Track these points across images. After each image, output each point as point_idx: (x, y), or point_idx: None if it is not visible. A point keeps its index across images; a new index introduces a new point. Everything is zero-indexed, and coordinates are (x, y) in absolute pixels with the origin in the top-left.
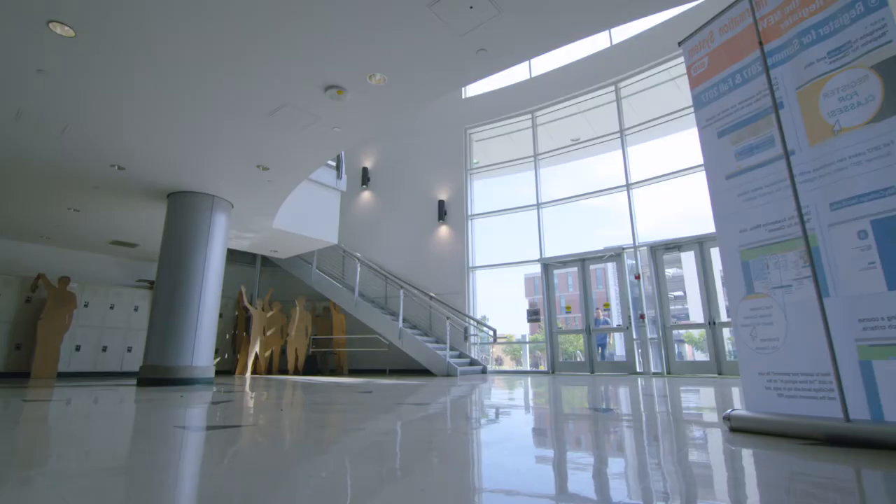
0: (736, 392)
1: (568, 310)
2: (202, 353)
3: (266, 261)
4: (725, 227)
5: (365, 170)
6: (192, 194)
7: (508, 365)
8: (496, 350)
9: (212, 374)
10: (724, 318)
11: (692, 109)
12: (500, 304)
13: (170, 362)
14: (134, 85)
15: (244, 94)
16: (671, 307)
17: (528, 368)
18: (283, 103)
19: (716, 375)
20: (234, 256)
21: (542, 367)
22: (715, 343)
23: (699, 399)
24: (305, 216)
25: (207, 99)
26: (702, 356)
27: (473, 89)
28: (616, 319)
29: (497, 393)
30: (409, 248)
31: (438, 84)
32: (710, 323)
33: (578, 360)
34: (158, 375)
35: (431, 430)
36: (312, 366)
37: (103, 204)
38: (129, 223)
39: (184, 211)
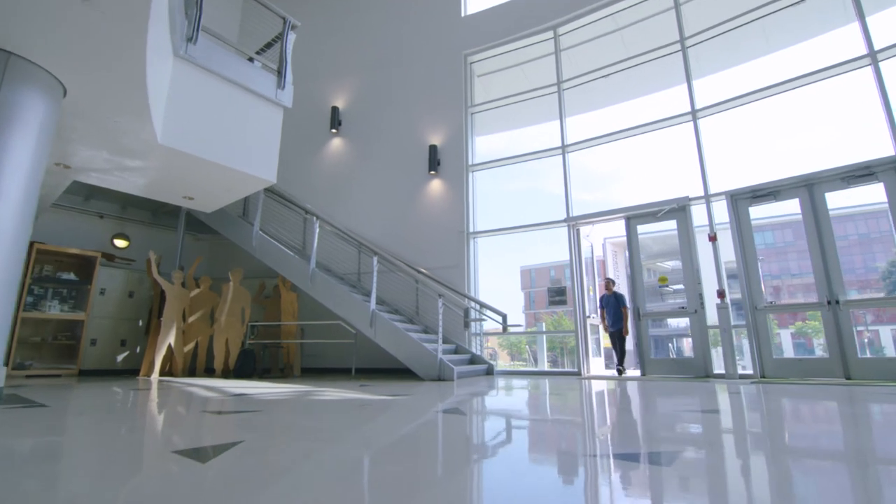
0: None
1: (590, 292)
2: None
3: (201, 226)
4: None
5: (335, 110)
6: None
7: (504, 360)
8: (491, 342)
9: None
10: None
11: (772, 9)
12: (497, 295)
13: None
14: None
15: None
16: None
17: (546, 368)
18: None
19: (843, 380)
20: (156, 217)
21: (549, 366)
22: (839, 332)
23: None
24: (222, 135)
25: None
26: (794, 352)
27: (475, 3)
28: (651, 300)
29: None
30: (391, 209)
31: None
32: (829, 302)
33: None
34: None
35: None
36: (248, 364)
37: None
38: None
39: None
